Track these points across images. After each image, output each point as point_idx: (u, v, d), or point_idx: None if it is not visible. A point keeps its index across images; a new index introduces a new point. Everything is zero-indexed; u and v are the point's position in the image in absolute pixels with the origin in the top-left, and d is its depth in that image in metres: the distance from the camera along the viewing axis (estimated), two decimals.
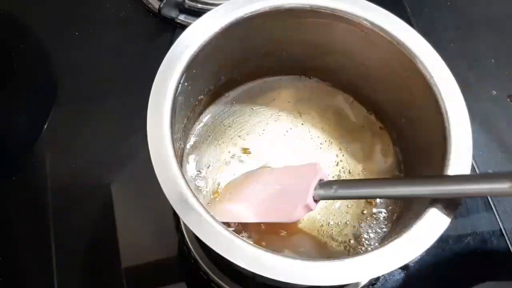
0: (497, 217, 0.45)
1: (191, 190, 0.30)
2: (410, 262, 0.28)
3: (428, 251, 0.28)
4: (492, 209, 0.46)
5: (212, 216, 0.29)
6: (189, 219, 0.29)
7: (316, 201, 0.35)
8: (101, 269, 0.43)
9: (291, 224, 0.38)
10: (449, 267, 0.43)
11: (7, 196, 0.45)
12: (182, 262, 0.43)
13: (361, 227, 0.39)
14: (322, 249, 0.38)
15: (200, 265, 0.41)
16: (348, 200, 0.40)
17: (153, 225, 0.44)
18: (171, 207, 0.29)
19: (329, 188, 0.34)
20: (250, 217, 0.37)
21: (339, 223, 0.39)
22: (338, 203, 0.40)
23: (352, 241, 0.38)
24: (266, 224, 0.38)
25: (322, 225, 0.39)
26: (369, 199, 0.40)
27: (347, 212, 0.39)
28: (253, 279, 0.38)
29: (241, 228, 0.38)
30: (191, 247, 0.42)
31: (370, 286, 0.42)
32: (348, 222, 0.39)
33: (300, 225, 0.39)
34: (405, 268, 0.43)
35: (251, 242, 0.28)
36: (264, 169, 0.41)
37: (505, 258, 0.44)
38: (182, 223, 0.43)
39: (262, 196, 0.38)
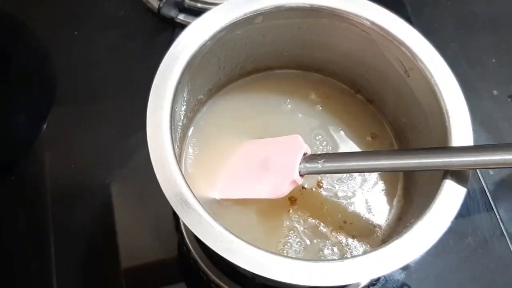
0: (497, 217, 0.45)
1: (191, 190, 0.30)
2: (410, 262, 0.28)
3: (428, 251, 0.28)
4: (492, 209, 0.46)
5: (212, 216, 0.29)
6: (189, 219, 0.29)
7: (301, 175, 0.35)
8: (101, 269, 0.43)
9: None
10: (449, 267, 0.43)
11: (6, 196, 0.45)
12: (182, 262, 0.43)
13: None
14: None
15: (200, 265, 0.41)
16: None
17: (153, 225, 0.44)
18: (171, 207, 0.29)
19: (315, 162, 0.34)
20: (235, 194, 0.38)
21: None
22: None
23: None
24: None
25: None
26: (361, 173, 0.39)
27: None
28: (253, 279, 0.38)
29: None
30: (191, 247, 0.42)
31: (371, 286, 0.42)
32: None
33: None
34: (405, 268, 0.43)
35: (251, 242, 0.28)
36: (245, 144, 0.40)
37: (505, 258, 0.44)
38: (182, 223, 0.43)
39: (247, 171, 0.38)
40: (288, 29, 0.39)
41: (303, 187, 0.39)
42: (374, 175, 0.41)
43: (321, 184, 0.40)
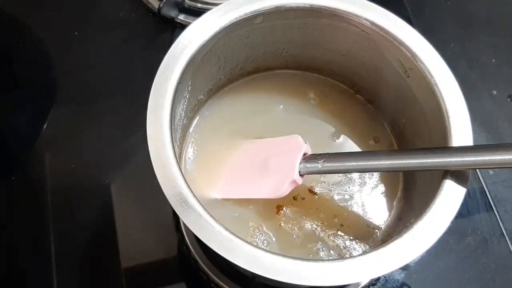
0: (497, 217, 0.45)
1: (191, 190, 0.30)
2: (410, 262, 0.28)
3: (428, 251, 0.28)
4: (492, 209, 0.46)
5: (212, 216, 0.29)
6: (189, 219, 0.29)
7: (302, 175, 0.35)
8: (101, 269, 0.43)
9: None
10: (449, 267, 0.43)
11: (7, 196, 0.45)
12: (182, 262, 0.43)
13: None
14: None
15: (200, 265, 0.41)
16: None
17: (153, 225, 0.44)
18: (171, 207, 0.29)
19: (315, 162, 0.34)
20: (235, 193, 0.38)
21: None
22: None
23: None
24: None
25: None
26: (361, 173, 0.39)
27: None
28: (253, 279, 0.38)
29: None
30: (191, 247, 0.42)
31: (371, 286, 0.42)
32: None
33: None
34: (405, 268, 0.43)
35: (251, 243, 0.28)
36: (245, 144, 0.41)
37: (505, 258, 0.44)
38: (182, 223, 0.43)
39: (247, 171, 0.38)
40: (288, 29, 0.39)
41: (294, 198, 0.39)
42: (374, 177, 0.41)
43: (314, 190, 0.40)
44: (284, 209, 0.39)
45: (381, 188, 0.40)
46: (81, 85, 0.51)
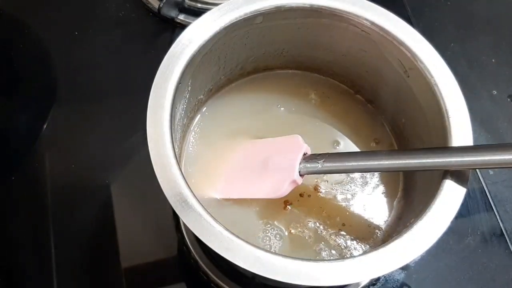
0: (497, 217, 0.45)
1: (191, 190, 0.30)
2: (410, 262, 0.28)
3: (428, 251, 0.28)
4: (492, 209, 0.46)
5: (212, 216, 0.29)
6: (189, 219, 0.29)
7: (301, 175, 0.35)
8: (101, 269, 0.43)
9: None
10: (449, 267, 0.43)
11: (7, 196, 0.45)
12: (182, 262, 0.43)
13: None
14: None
15: (200, 265, 0.41)
16: None
17: (153, 225, 0.44)
18: (171, 207, 0.29)
19: (315, 162, 0.34)
20: (235, 193, 0.38)
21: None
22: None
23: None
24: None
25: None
26: (361, 173, 0.39)
27: None
28: (253, 279, 0.38)
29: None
30: (191, 247, 0.42)
31: (371, 286, 0.42)
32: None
33: None
34: (405, 268, 0.43)
35: (251, 243, 0.28)
36: (245, 144, 0.41)
37: (505, 258, 0.44)
38: (182, 223, 0.43)
39: (247, 171, 0.38)
40: (288, 29, 0.39)
41: (300, 195, 0.39)
42: (375, 177, 0.41)
43: (318, 188, 0.40)
44: (290, 205, 0.39)
45: (382, 188, 0.40)
46: (81, 85, 0.51)
